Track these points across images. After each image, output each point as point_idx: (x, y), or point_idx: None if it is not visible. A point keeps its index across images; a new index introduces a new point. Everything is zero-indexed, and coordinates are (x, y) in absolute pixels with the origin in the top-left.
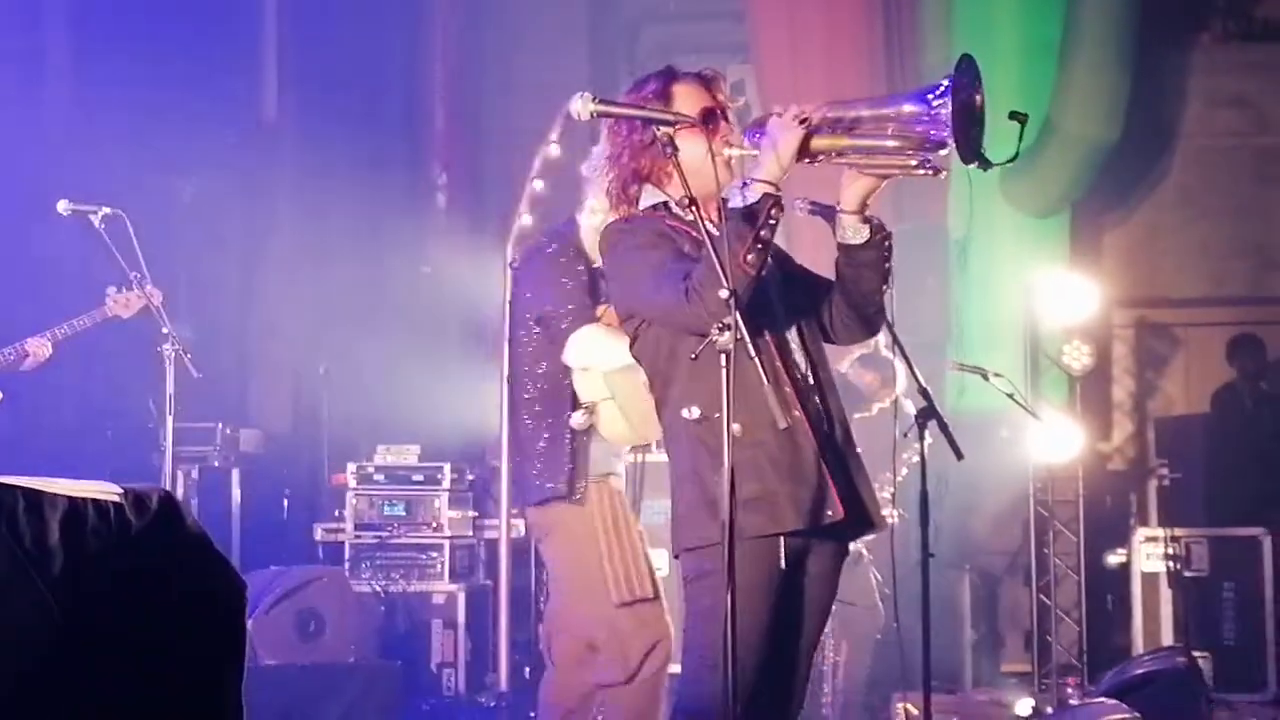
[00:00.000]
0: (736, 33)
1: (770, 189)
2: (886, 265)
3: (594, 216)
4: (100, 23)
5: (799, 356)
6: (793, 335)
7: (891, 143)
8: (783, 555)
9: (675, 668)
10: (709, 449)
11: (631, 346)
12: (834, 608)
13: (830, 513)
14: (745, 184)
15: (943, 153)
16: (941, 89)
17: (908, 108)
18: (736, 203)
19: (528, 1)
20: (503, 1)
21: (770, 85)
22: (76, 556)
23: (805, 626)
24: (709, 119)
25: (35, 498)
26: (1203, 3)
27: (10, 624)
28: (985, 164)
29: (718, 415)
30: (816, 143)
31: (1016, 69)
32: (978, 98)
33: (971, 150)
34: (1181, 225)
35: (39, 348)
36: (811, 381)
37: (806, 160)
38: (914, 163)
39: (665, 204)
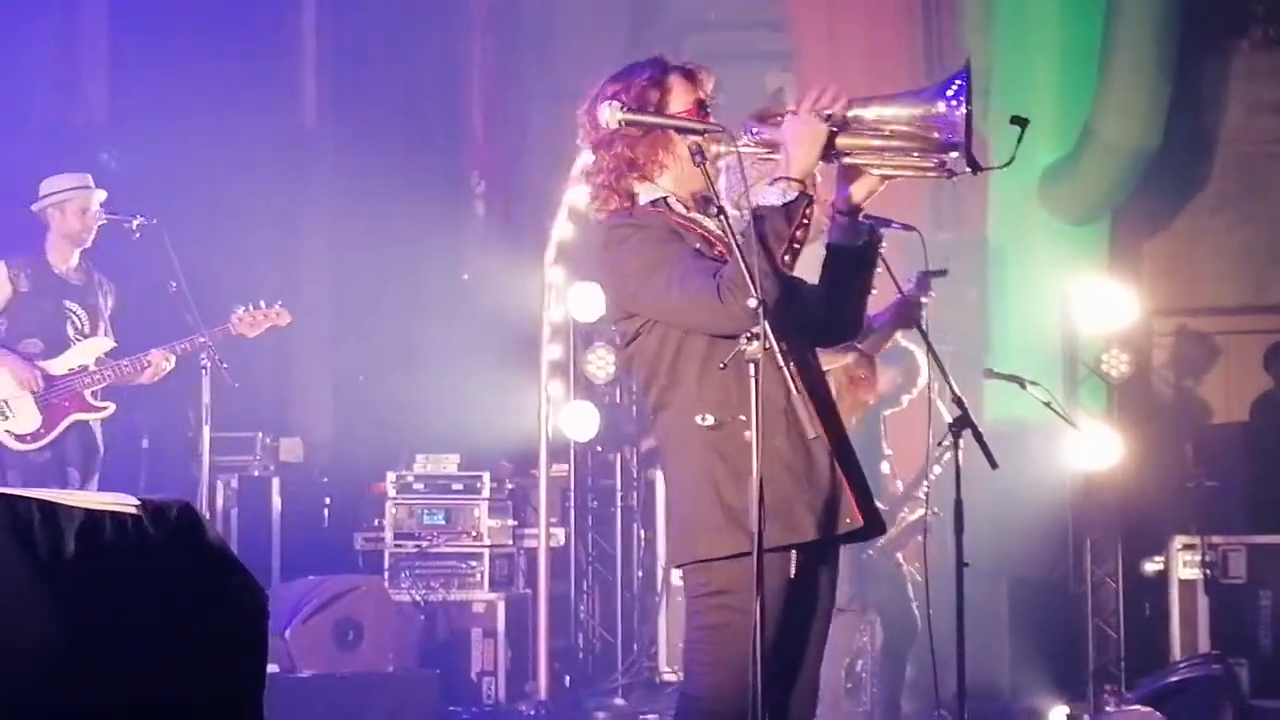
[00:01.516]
0: (776, 40)
1: (802, 188)
2: (874, 270)
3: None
4: (138, 30)
5: (809, 360)
6: (798, 338)
7: (908, 143)
8: (794, 566)
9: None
10: (724, 456)
11: (627, 346)
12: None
13: (849, 520)
14: (772, 183)
15: (954, 154)
16: (955, 89)
17: (924, 108)
18: (769, 201)
19: (568, 10)
20: (542, 10)
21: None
22: (93, 569)
23: (812, 634)
24: (735, 123)
25: (52, 510)
26: (1242, 9)
27: (27, 636)
28: (976, 168)
29: (733, 421)
30: (839, 141)
31: (1056, 75)
32: (972, 102)
33: (967, 155)
34: (1221, 232)
35: (161, 360)
36: (817, 386)
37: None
38: (929, 164)
39: (665, 199)
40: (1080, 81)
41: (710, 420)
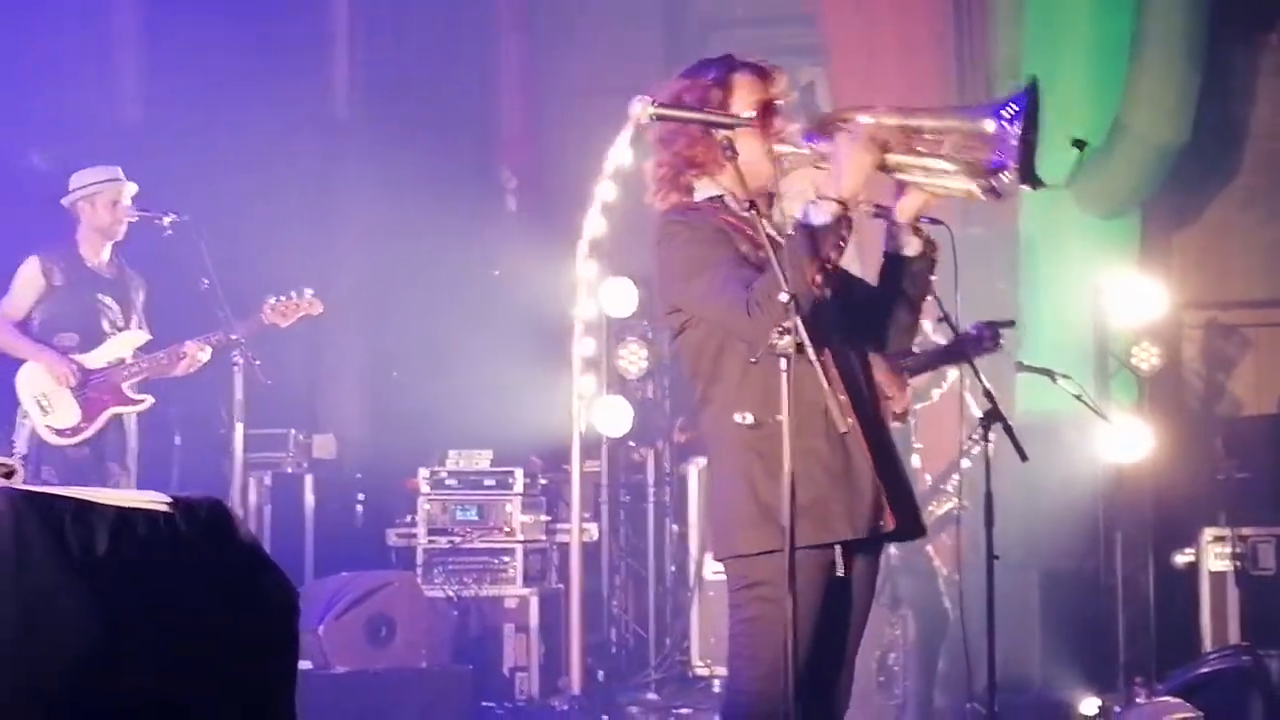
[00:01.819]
0: (809, 36)
1: (842, 210)
2: (931, 278)
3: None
4: (171, 24)
5: (853, 361)
6: (846, 340)
7: (957, 165)
8: (839, 563)
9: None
10: (761, 455)
11: (674, 339)
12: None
13: (883, 522)
14: (814, 201)
15: (1005, 176)
16: (1013, 112)
17: (976, 125)
18: (809, 218)
19: (599, 5)
20: (574, 5)
21: (843, 87)
22: (125, 567)
23: (850, 631)
24: (765, 115)
25: (84, 508)
26: (1271, 4)
27: (59, 634)
28: (1037, 184)
29: (772, 422)
30: (889, 159)
31: (1086, 69)
32: (1037, 126)
33: (1028, 173)
34: (1251, 226)
35: (196, 351)
36: (863, 388)
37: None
38: (975, 186)
39: (722, 197)
40: (1110, 76)
41: (749, 419)
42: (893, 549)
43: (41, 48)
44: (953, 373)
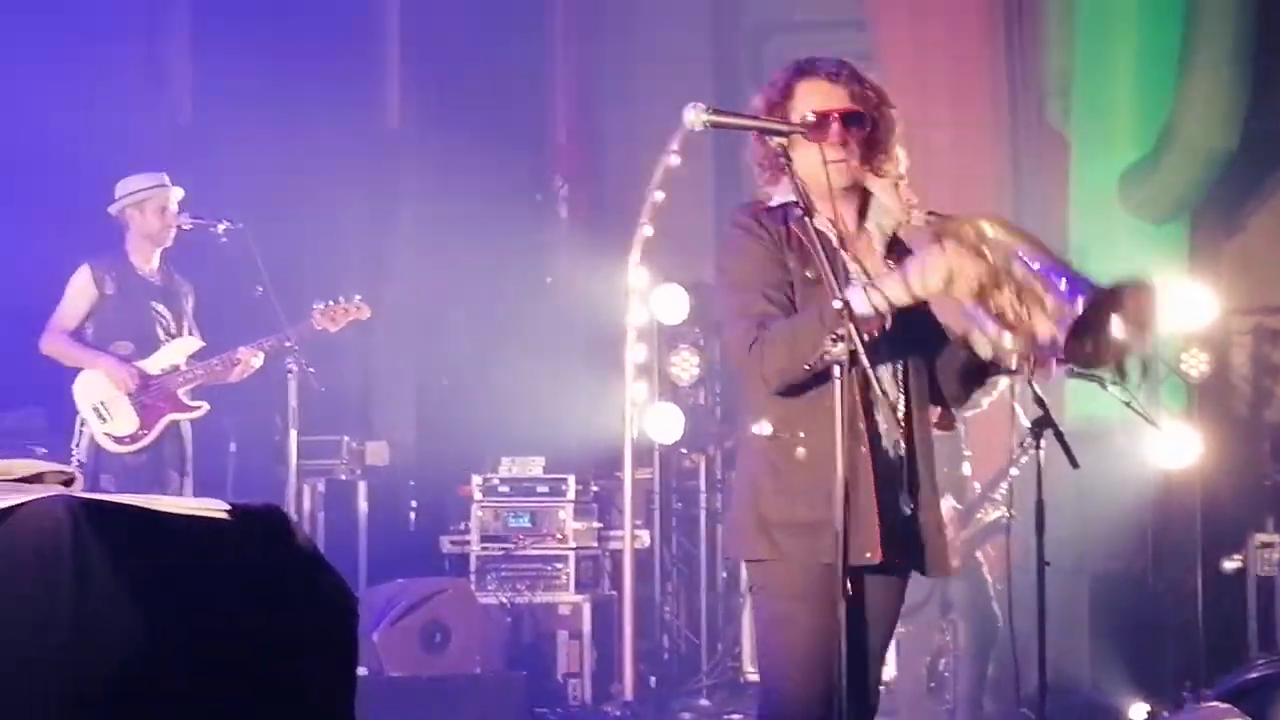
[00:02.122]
0: (860, 40)
1: (884, 315)
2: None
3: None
4: (222, 30)
5: (890, 387)
6: (890, 367)
7: (1017, 324)
8: (843, 583)
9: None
10: (772, 466)
11: (722, 335)
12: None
13: (870, 555)
14: (869, 285)
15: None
16: (1079, 315)
17: (1066, 307)
18: (853, 298)
19: (650, 11)
20: (625, 11)
21: (893, 92)
22: (184, 573)
23: (864, 653)
24: (821, 124)
25: (142, 515)
26: None
27: (117, 640)
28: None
29: (790, 437)
30: (957, 291)
31: (1137, 75)
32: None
33: (1080, 366)
34: None
35: (250, 357)
36: (900, 417)
37: None
38: (1017, 352)
39: (796, 203)
40: (1161, 81)
41: (768, 430)
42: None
43: (93, 56)
44: (1003, 381)
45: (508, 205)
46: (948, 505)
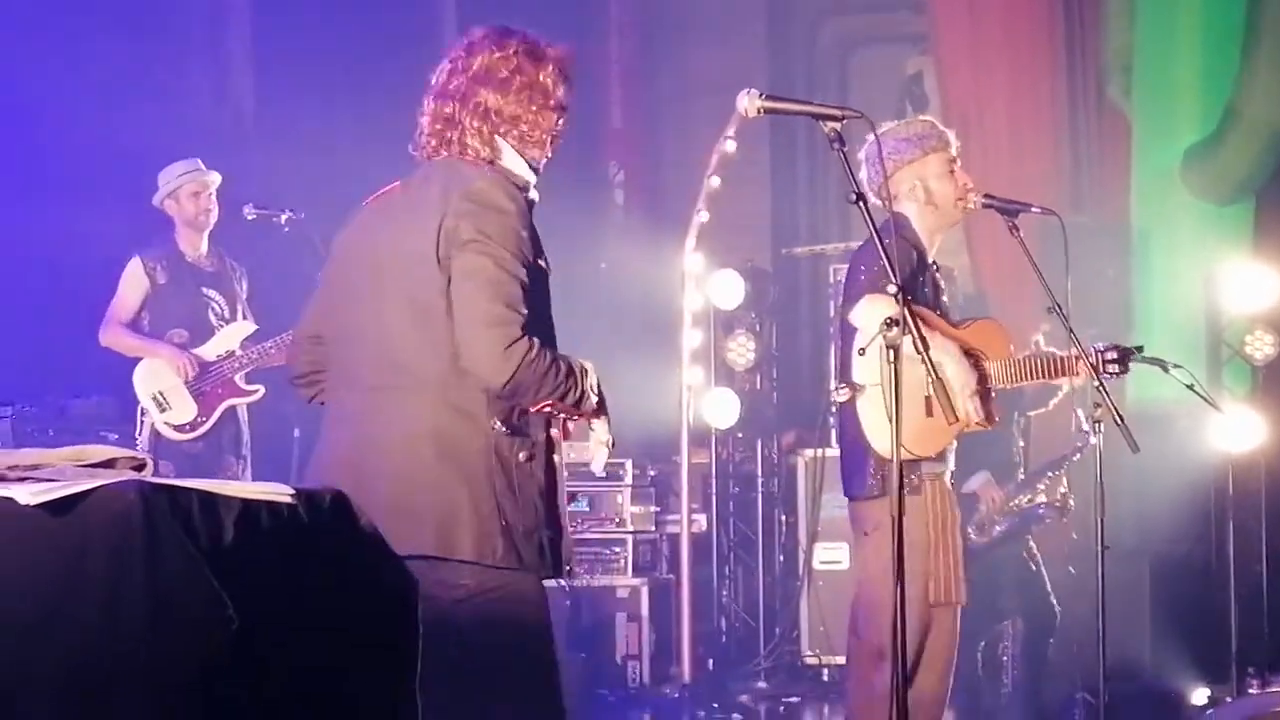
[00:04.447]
0: (916, 23)
1: None
2: None
3: None
4: (283, 24)
5: None
6: None
7: None
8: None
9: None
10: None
11: None
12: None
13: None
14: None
15: None
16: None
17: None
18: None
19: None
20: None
21: (950, 76)
22: (250, 557)
23: None
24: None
25: (210, 499)
26: None
27: (186, 622)
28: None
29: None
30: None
31: (1199, 55)
32: None
33: None
34: None
35: None
36: None
37: None
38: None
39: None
40: (1223, 61)
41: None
42: (973, 547)
43: (163, 54)
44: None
45: (563, 192)
46: (984, 478)
